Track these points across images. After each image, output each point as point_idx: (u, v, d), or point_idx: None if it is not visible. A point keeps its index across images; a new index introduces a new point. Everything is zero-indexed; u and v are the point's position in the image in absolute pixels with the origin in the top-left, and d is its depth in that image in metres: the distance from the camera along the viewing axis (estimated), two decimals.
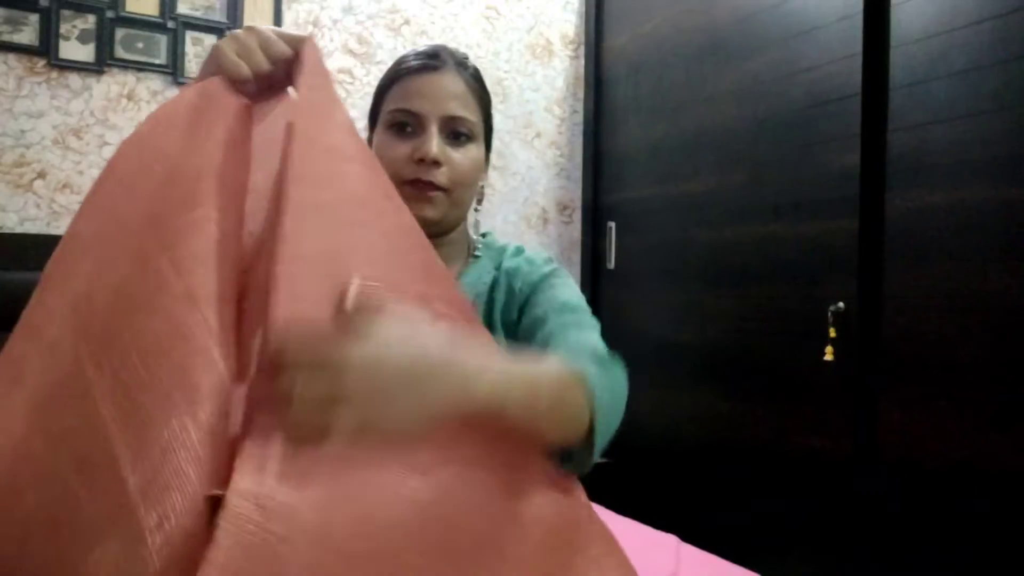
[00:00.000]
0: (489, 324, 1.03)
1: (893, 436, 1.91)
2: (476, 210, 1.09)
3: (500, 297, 1.06)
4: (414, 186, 0.98)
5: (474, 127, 1.02)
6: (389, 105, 1.02)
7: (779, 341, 2.22)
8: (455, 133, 1.01)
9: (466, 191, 1.03)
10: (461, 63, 1.04)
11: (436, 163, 0.98)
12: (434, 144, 0.97)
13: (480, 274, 1.08)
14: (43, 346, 0.62)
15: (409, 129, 1.00)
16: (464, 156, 1.01)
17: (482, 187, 1.09)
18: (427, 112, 0.99)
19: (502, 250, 1.13)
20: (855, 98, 2.00)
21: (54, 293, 0.63)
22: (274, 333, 0.56)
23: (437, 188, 0.99)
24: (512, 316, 1.05)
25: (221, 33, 2.55)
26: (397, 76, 1.03)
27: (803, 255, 2.15)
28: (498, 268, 1.09)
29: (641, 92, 2.85)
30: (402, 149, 0.99)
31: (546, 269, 1.08)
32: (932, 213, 1.83)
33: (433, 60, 1.02)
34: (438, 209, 1.01)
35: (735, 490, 2.35)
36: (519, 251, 1.13)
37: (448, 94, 1.00)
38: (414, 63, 1.02)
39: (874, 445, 1.96)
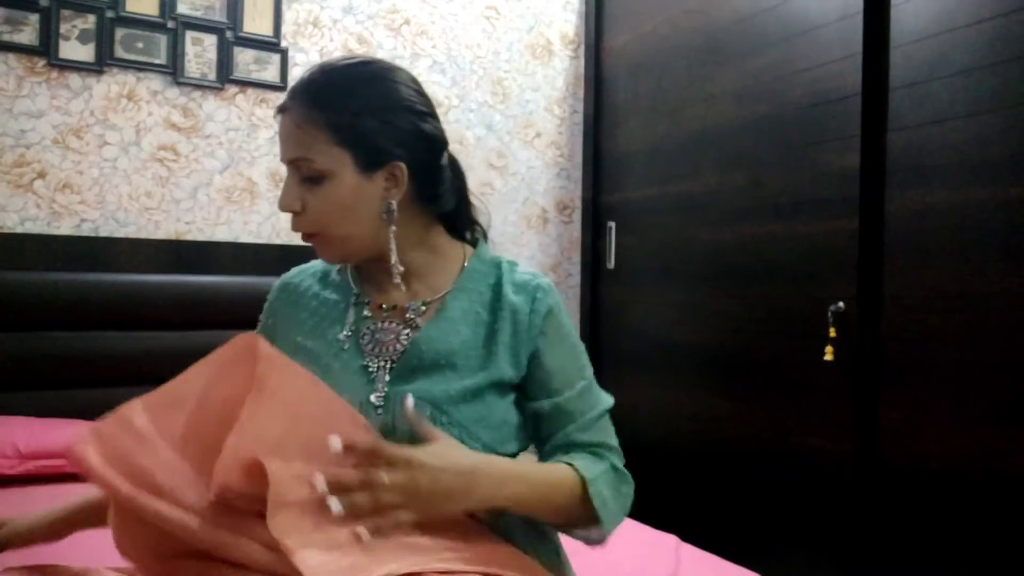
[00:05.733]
0: (489, 350, 0.99)
1: (893, 436, 1.91)
2: (393, 228, 0.97)
3: (505, 329, 1.00)
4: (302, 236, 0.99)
5: (319, 164, 0.93)
6: None
7: (779, 341, 2.22)
8: (305, 176, 0.94)
9: (340, 227, 0.96)
10: (306, 92, 0.95)
11: (296, 211, 0.96)
12: (284, 196, 0.96)
13: (471, 297, 1.02)
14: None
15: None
16: (317, 198, 0.94)
17: (390, 205, 0.96)
18: (283, 158, 0.97)
19: (497, 265, 1.06)
20: (855, 98, 2.00)
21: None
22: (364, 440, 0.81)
23: (310, 235, 0.97)
24: (521, 359, 1.00)
25: (221, 33, 2.55)
26: None
27: (803, 255, 2.15)
28: (498, 292, 1.02)
29: (641, 92, 2.85)
30: None
31: (547, 320, 1.02)
32: (932, 213, 1.83)
33: (285, 100, 0.97)
34: (327, 252, 1.00)
35: (735, 490, 2.35)
36: (512, 268, 1.06)
37: (288, 135, 0.96)
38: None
39: (874, 445, 1.96)
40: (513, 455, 1.00)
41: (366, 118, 0.94)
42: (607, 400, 1.05)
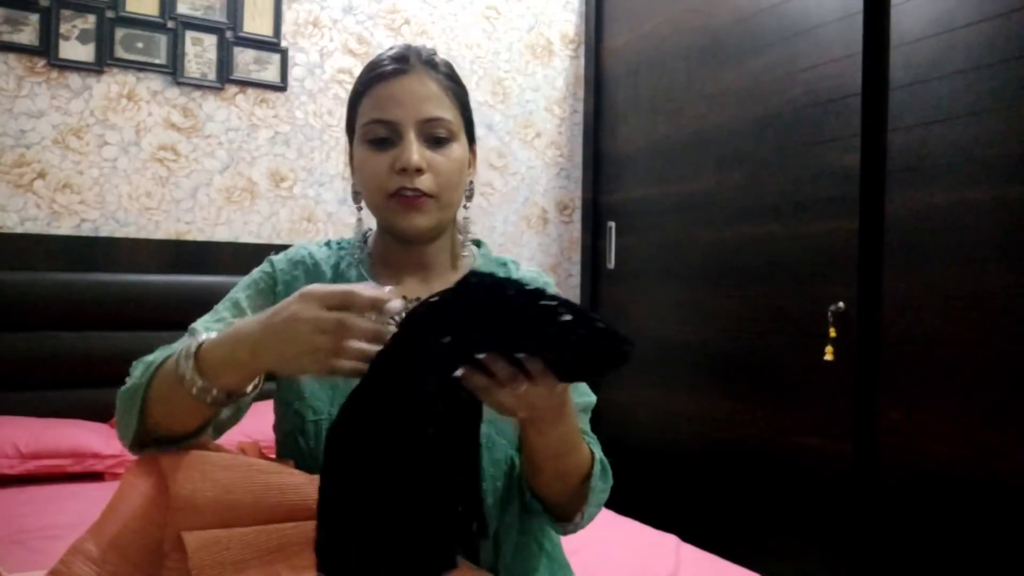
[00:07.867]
0: None
1: (893, 436, 1.91)
2: (466, 207, 1.05)
3: None
4: (400, 198, 0.95)
5: (452, 125, 0.98)
6: (363, 117, 0.98)
7: (779, 341, 2.22)
8: (433, 137, 0.97)
9: (454, 193, 0.99)
10: (429, 61, 0.99)
11: (419, 170, 0.95)
12: (414, 151, 0.94)
13: None
14: None
15: (387, 139, 0.96)
16: (447, 158, 0.97)
17: (471, 183, 1.05)
18: (402, 119, 0.95)
19: (503, 264, 1.10)
20: (855, 98, 2.00)
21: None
22: None
23: (425, 195, 0.95)
24: None
25: (221, 33, 2.55)
26: (367, 85, 0.99)
27: (803, 255, 2.15)
28: None
29: (641, 92, 2.85)
30: (382, 161, 0.95)
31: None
32: (932, 213, 1.83)
33: (400, 63, 0.97)
34: (429, 217, 0.98)
35: (735, 490, 2.35)
36: (517, 266, 1.10)
37: (420, 96, 0.96)
38: (382, 69, 0.98)
39: (874, 445, 1.96)
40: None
41: (468, 99, 1.04)
42: (590, 395, 1.05)
